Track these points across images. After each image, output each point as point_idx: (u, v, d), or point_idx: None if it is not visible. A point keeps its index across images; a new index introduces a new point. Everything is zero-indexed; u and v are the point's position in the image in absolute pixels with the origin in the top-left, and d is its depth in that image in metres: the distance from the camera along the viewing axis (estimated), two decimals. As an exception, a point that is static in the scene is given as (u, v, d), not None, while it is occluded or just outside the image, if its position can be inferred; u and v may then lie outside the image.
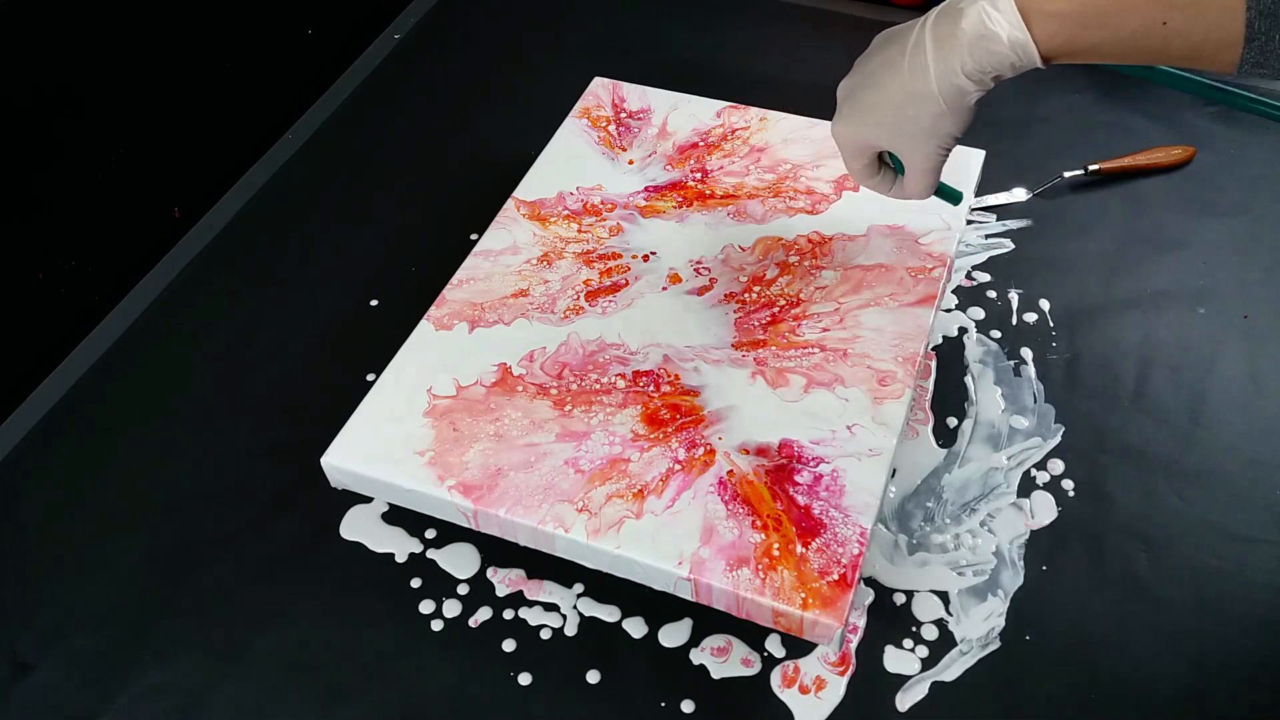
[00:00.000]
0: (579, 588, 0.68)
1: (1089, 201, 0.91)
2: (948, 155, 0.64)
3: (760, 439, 0.65)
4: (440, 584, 0.68)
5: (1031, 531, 0.70)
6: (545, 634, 0.66)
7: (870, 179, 0.68)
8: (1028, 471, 0.73)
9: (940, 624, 0.66)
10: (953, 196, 0.72)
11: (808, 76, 1.02)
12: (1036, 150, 0.94)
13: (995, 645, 0.65)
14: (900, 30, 0.62)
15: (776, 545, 0.60)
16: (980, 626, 0.66)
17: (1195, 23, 0.53)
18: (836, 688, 0.64)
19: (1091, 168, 0.91)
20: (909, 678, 0.64)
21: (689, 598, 0.61)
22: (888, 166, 0.68)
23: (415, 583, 0.68)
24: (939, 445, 0.75)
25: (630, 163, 0.83)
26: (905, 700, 0.63)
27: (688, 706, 0.63)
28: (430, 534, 0.71)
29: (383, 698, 0.64)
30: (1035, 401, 0.77)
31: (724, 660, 0.65)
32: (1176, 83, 0.98)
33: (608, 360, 0.70)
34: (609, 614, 0.67)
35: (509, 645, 0.66)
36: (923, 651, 0.65)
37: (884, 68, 0.62)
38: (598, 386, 0.68)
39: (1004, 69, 0.58)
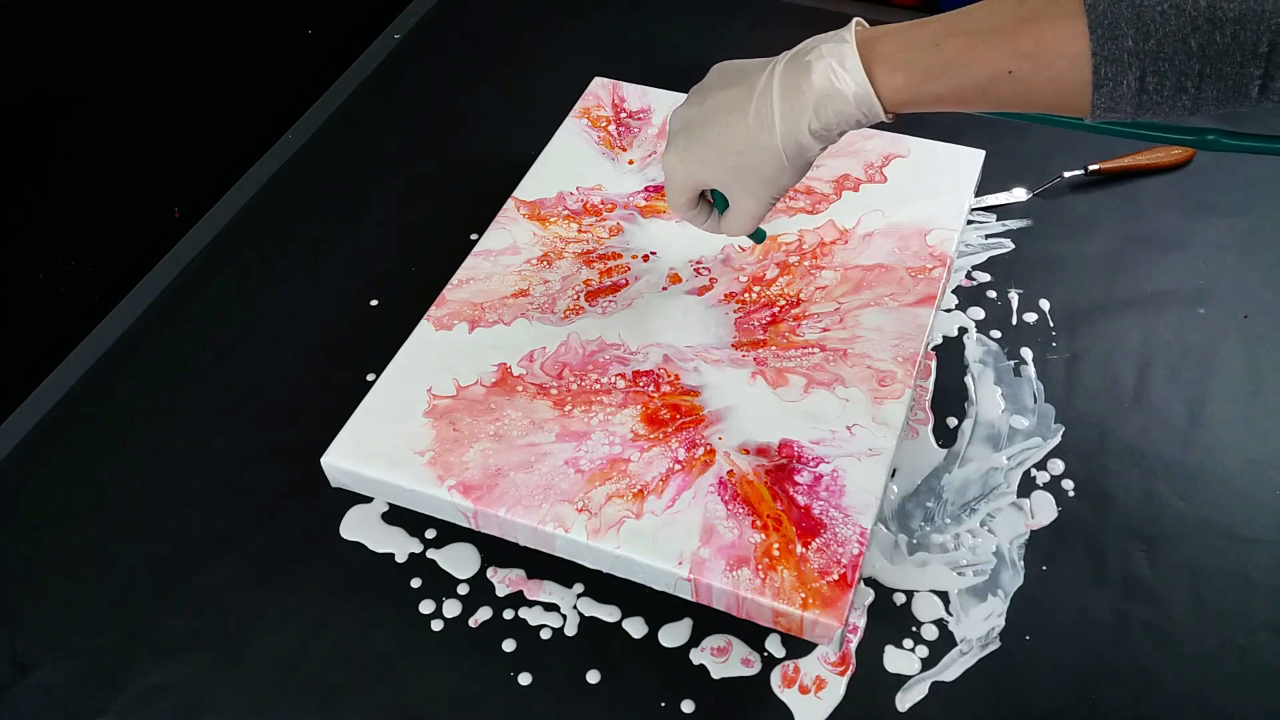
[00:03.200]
0: (579, 588, 0.68)
1: (1089, 201, 0.91)
2: (776, 202, 0.63)
3: (760, 439, 0.65)
4: (440, 584, 0.68)
5: (1031, 531, 0.70)
6: (545, 634, 0.66)
7: (690, 211, 0.66)
8: (1028, 471, 0.73)
9: (940, 624, 0.66)
10: (758, 237, 0.73)
11: (808, 76, 1.02)
12: (1036, 150, 0.94)
13: (995, 645, 0.65)
14: (745, 69, 0.61)
15: (776, 545, 0.60)
16: (980, 626, 0.66)
17: (1041, 71, 0.51)
18: (836, 688, 0.64)
19: (1091, 168, 0.91)
20: (909, 678, 0.64)
21: (689, 598, 0.61)
22: (706, 201, 0.67)
23: (415, 583, 0.68)
24: (939, 445, 0.75)
25: (630, 163, 0.83)
26: (905, 700, 0.63)
27: (688, 706, 0.63)
28: (430, 534, 0.71)
29: (383, 698, 0.64)
30: (1035, 401, 0.77)
31: (724, 660, 0.65)
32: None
33: (608, 360, 0.70)
34: (609, 614, 0.67)
35: (509, 645, 0.66)
36: (923, 651, 0.65)
37: (727, 109, 0.60)
38: (598, 386, 0.68)
39: (849, 125, 0.58)
